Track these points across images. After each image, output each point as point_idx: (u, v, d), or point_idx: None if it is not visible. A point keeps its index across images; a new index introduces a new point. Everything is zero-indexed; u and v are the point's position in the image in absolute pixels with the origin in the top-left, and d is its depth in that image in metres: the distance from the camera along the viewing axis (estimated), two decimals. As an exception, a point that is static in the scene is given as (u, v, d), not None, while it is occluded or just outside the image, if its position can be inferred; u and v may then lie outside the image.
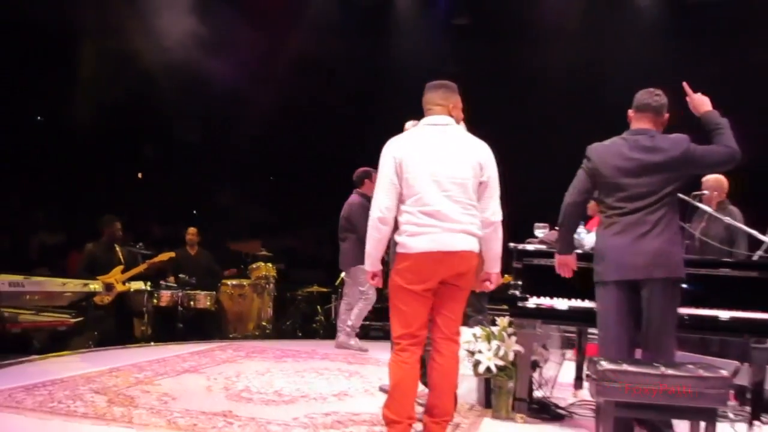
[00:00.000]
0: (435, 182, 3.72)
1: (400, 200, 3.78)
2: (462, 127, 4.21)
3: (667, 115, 4.17)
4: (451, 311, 3.84)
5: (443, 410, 3.83)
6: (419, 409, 3.94)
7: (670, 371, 3.52)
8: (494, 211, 3.84)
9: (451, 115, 3.94)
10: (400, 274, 3.76)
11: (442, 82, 3.99)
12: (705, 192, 6.21)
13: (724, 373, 3.57)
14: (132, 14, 10.04)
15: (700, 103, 4.12)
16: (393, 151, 3.82)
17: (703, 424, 3.57)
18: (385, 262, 4.02)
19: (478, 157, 3.80)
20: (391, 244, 3.95)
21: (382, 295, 7.03)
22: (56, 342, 7.13)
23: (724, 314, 4.41)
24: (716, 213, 5.57)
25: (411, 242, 3.72)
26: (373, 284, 4.08)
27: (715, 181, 6.44)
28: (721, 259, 4.86)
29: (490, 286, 4.02)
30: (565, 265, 4.37)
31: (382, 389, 5.48)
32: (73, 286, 7.60)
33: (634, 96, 4.20)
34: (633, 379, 3.50)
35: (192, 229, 9.54)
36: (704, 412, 3.53)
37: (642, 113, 4.14)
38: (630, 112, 4.21)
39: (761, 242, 4.98)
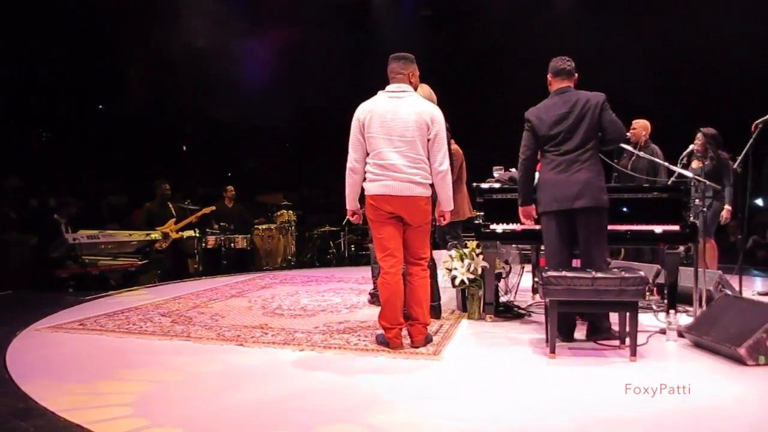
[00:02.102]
0: (388, 140, 3.77)
1: (366, 154, 3.85)
2: (420, 91, 4.21)
3: (577, 75, 4.17)
4: (413, 242, 3.93)
5: (415, 316, 3.94)
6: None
7: (599, 275, 3.62)
8: (441, 162, 3.83)
9: (410, 82, 3.93)
10: (367, 210, 3.90)
11: (402, 54, 3.96)
12: (632, 132, 6.25)
13: (642, 273, 3.66)
14: (172, 23, 9.98)
15: None
16: (358, 114, 3.87)
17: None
18: None
19: (426, 119, 3.79)
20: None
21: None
22: (128, 280, 7.26)
23: (658, 228, 4.41)
24: (636, 151, 5.60)
25: (369, 186, 3.85)
26: (353, 220, 4.13)
27: (643, 123, 6.48)
28: (642, 186, 4.92)
29: (443, 222, 4.07)
30: (527, 215, 4.29)
31: (371, 294, 5.69)
32: (137, 236, 7.70)
33: (549, 64, 4.18)
34: (570, 282, 3.60)
35: (230, 187, 9.53)
36: (627, 305, 3.64)
37: (559, 77, 4.13)
38: (549, 77, 4.18)
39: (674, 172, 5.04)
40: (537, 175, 5.06)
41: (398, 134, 3.77)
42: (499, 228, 4.72)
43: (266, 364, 3.64)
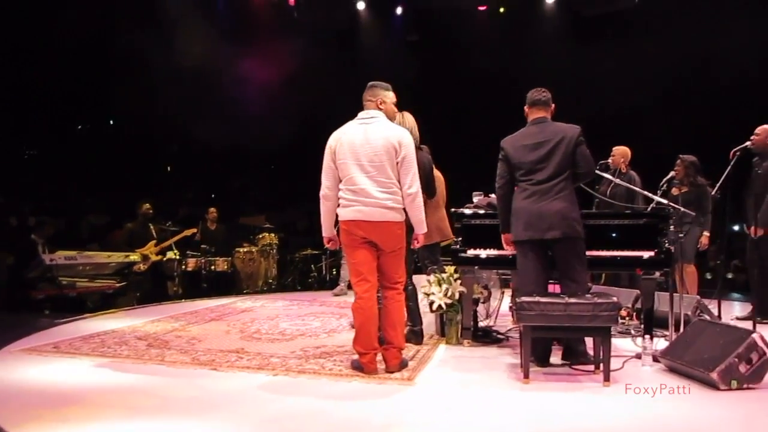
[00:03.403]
0: (358, 166, 3.83)
1: (339, 180, 3.91)
2: (400, 118, 4.27)
3: (553, 106, 4.25)
4: (388, 267, 3.96)
5: (390, 339, 3.97)
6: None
7: (572, 300, 3.67)
8: (410, 185, 3.87)
9: (380, 109, 4.01)
10: (341, 236, 3.96)
11: (374, 83, 4.06)
12: (611, 159, 6.39)
13: (615, 299, 3.72)
14: (161, 41, 10.04)
15: None
16: (330, 142, 3.94)
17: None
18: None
19: (394, 142, 3.84)
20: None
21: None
22: (105, 302, 7.23)
23: (633, 254, 4.47)
24: (614, 178, 5.70)
25: (341, 212, 3.90)
26: (329, 246, 4.17)
27: (621, 150, 6.60)
28: (619, 212, 5.00)
29: (416, 245, 4.11)
30: (508, 241, 4.34)
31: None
32: (116, 257, 7.70)
33: (526, 95, 4.26)
34: (543, 308, 3.65)
35: (212, 209, 9.56)
36: (600, 329, 3.68)
37: (535, 107, 4.21)
38: (525, 108, 4.27)
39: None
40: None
41: (368, 159, 3.83)
42: (476, 253, 4.77)
43: (239, 389, 3.64)
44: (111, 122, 11.75)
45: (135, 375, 3.98)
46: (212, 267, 8.76)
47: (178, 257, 8.42)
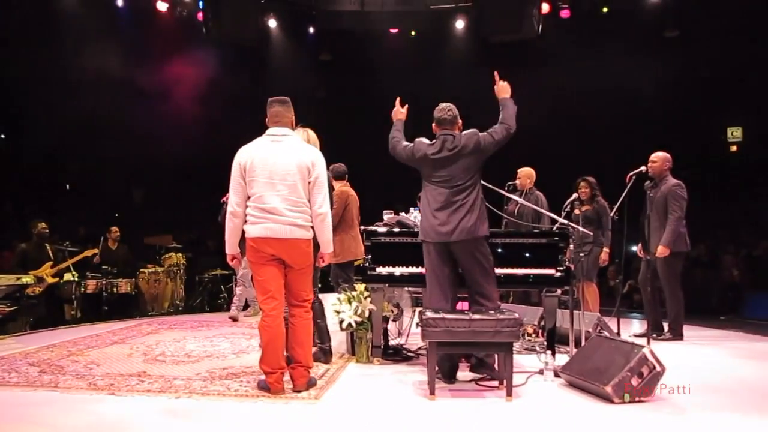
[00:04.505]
0: (270, 184, 3.84)
1: (248, 197, 3.90)
2: (305, 135, 4.35)
3: (461, 121, 4.43)
4: (295, 284, 3.98)
5: (297, 358, 3.97)
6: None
7: (476, 316, 3.80)
8: (321, 204, 3.93)
9: (292, 127, 4.05)
10: (248, 253, 3.93)
11: (284, 98, 4.07)
12: (518, 181, 6.68)
13: (516, 315, 3.87)
14: (66, 54, 9.67)
15: (503, 89, 4.50)
16: (239, 158, 3.92)
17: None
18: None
19: (307, 163, 3.90)
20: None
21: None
22: (-7, 328, 6.81)
23: (534, 272, 4.72)
24: (521, 200, 5.96)
25: (250, 229, 3.88)
26: (232, 265, 4.15)
27: (527, 172, 6.89)
28: (522, 231, 5.22)
29: (322, 264, 4.16)
30: None
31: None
32: (6, 280, 7.26)
33: (433, 114, 4.43)
34: (448, 324, 3.76)
35: (114, 228, 9.24)
36: (502, 345, 3.83)
37: (442, 125, 4.39)
38: (433, 126, 4.44)
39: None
40: (415, 213, 5.27)
41: (280, 177, 3.85)
42: (390, 271, 4.86)
43: (137, 414, 3.53)
44: (2, 137, 11.15)
45: (25, 403, 3.77)
46: (114, 289, 8.43)
47: (76, 279, 8.05)
